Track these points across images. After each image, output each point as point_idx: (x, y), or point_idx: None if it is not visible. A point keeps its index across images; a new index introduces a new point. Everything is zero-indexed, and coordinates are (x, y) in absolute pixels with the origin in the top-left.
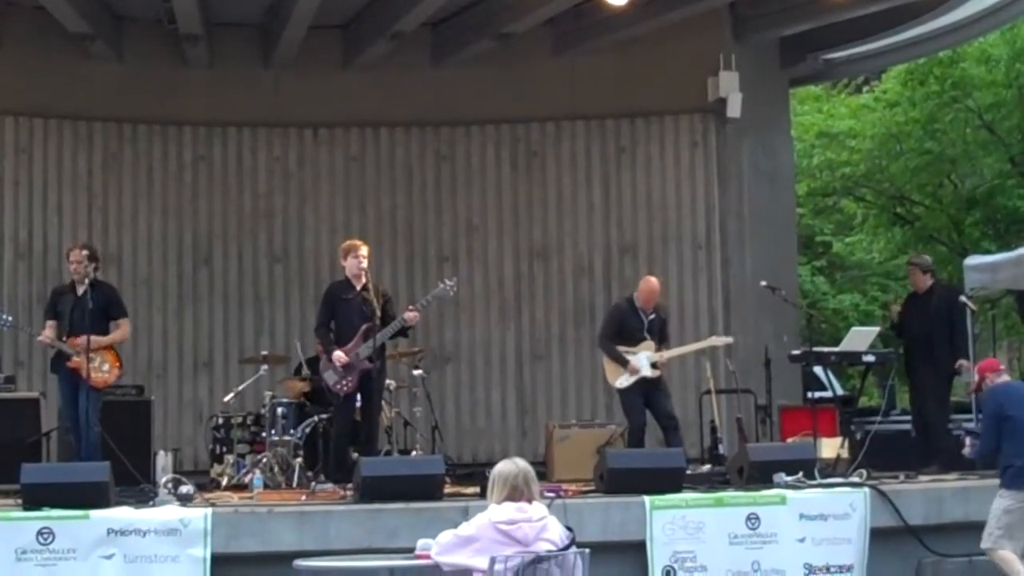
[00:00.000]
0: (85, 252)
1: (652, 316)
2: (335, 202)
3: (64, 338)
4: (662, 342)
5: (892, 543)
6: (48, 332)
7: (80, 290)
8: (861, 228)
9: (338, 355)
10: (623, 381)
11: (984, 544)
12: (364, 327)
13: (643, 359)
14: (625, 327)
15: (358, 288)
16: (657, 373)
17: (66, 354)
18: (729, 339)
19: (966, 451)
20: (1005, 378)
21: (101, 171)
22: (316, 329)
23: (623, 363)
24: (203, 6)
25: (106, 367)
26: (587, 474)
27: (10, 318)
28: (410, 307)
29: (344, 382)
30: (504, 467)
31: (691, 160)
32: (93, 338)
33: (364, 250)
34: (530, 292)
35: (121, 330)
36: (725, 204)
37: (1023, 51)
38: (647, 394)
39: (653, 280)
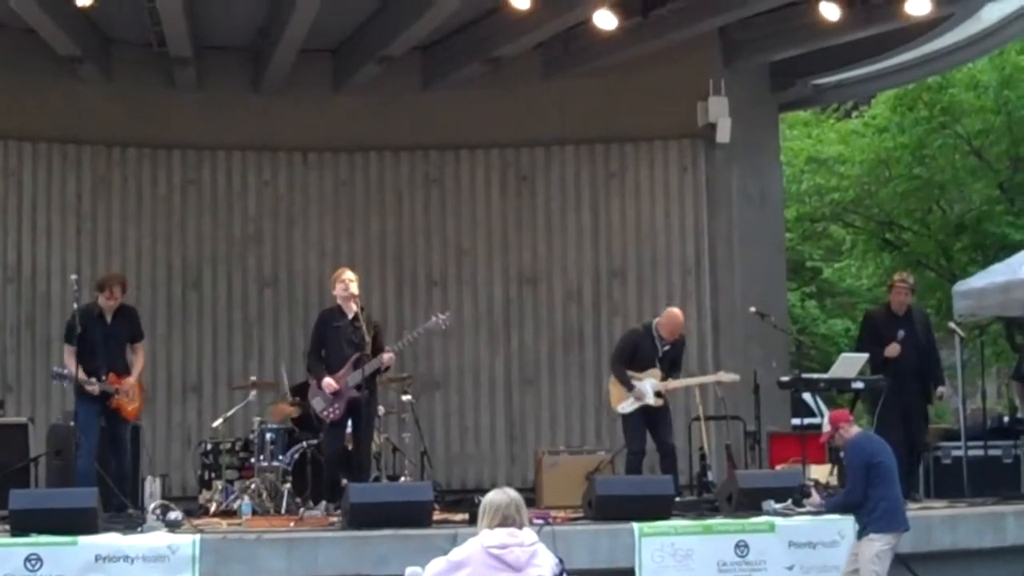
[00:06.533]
0: (119, 288)
1: (667, 347)
2: (324, 226)
3: (101, 375)
4: (673, 370)
5: None
6: (70, 359)
7: (108, 318)
8: (850, 254)
9: (328, 382)
10: (625, 407)
11: None
12: (355, 356)
13: (648, 387)
14: (638, 354)
15: (349, 316)
16: (660, 402)
17: (107, 393)
18: (736, 377)
19: (814, 502)
20: (856, 428)
21: (90, 194)
22: (307, 355)
23: (629, 388)
24: (193, 29)
25: (136, 397)
26: (576, 501)
27: (65, 370)
28: (387, 348)
29: (331, 409)
30: (495, 496)
31: (680, 185)
32: (131, 378)
33: (347, 275)
34: (519, 317)
35: (142, 356)
36: (714, 229)
37: (1011, 77)
38: (650, 420)
39: (677, 312)
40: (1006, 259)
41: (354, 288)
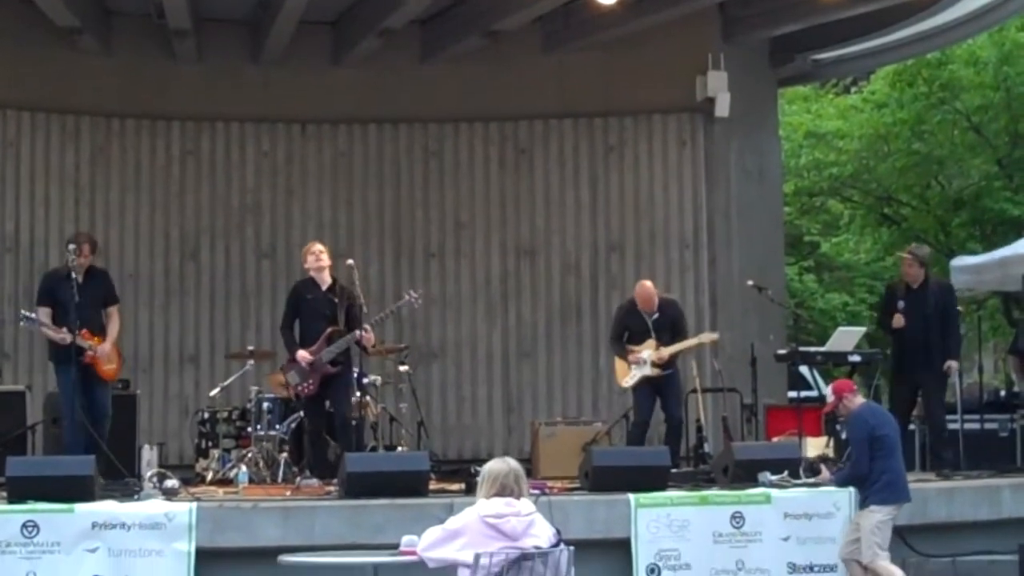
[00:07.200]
0: (88, 246)
1: (656, 316)
2: (323, 198)
3: (74, 329)
4: (675, 337)
5: None
6: (44, 318)
7: (80, 278)
8: (848, 228)
9: (302, 354)
10: (628, 380)
11: (866, 559)
12: (328, 331)
13: (644, 357)
14: (630, 328)
15: (323, 288)
16: (658, 371)
17: (80, 347)
18: (715, 335)
19: (824, 477)
20: (860, 399)
21: (89, 165)
22: (281, 328)
23: (627, 360)
24: (192, 1)
25: (113, 359)
26: (572, 472)
27: (34, 315)
28: (365, 327)
29: (306, 384)
30: (494, 465)
31: (679, 159)
32: (106, 343)
33: (317, 247)
34: (517, 289)
35: (116, 319)
36: (712, 203)
37: (1011, 54)
38: (659, 392)
39: (647, 284)
40: (1005, 236)
41: (325, 259)
